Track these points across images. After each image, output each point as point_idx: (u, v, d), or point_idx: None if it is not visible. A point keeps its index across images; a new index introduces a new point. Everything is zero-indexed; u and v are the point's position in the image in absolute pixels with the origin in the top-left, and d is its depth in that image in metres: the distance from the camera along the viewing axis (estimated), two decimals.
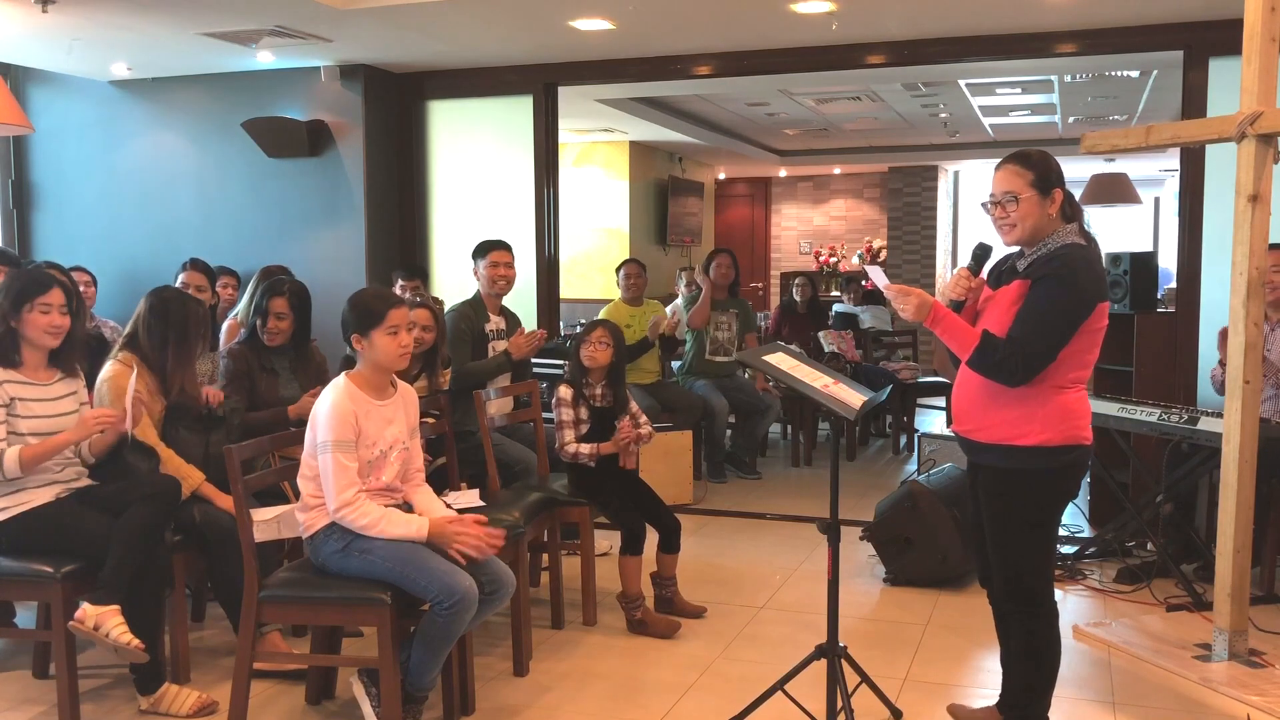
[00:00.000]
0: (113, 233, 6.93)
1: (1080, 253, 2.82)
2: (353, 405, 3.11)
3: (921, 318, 2.84)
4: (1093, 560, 4.95)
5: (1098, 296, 2.80)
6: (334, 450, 3.05)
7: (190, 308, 3.81)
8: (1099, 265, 2.86)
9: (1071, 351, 2.80)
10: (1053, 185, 2.85)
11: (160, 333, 3.70)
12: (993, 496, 2.96)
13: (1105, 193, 10.46)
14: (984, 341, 2.80)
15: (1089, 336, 2.82)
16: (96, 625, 3.14)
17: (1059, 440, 2.83)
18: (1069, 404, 2.84)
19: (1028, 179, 2.85)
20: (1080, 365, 2.85)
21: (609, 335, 4.19)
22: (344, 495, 3.05)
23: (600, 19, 5.45)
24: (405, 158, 6.84)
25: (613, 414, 4.22)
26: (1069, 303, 2.77)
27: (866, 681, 3.24)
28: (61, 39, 5.73)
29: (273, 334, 4.25)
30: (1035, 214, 2.85)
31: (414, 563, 3.02)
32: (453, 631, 3.03)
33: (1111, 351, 5.77)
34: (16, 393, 3.32)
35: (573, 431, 4.17)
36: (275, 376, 4.26)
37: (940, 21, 5.55)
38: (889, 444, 8.24)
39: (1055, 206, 2.85)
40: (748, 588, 4.67)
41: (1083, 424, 2.86)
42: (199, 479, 3.64)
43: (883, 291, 2.94)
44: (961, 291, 2.97)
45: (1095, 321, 2.82)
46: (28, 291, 3.35)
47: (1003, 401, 2.84)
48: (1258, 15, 3.56)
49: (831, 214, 14.50)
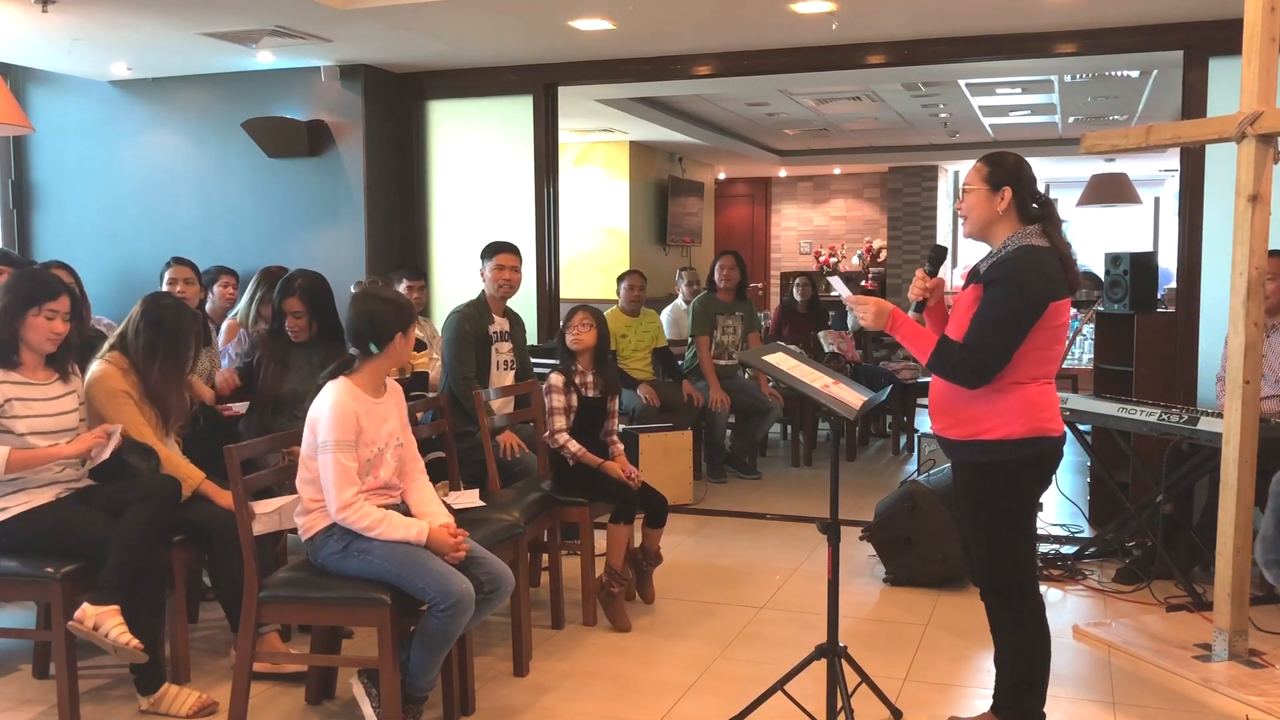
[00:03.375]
0: (113, 233, 6.93)
1: (1031, 255, 2.88)
2: (355, 405, 3.12)
3: (880, 325, 2.98)
4: (1093, 560, 4.95)
5: (1049, 296, 2.86)
6: (335, 450, 3.05)
7: (185, 320, 3.77)
8: (1052, 265, 2.90)
9: (1031, 349, 2.88)
10: (1002, 183, 2.94)
11: (150, 341, 3.66)
12: (967, 492, 3.05)
13: (1105, 193, 10.46)
14: (939, 346, 2.92)
15: (1047, 333, 2.89)
16: (96, 625, 3.14)
17: (1022, 433, 2.90)
18: (1031, 398, 2.91)
19: (981, 174, 2.97)
20: (1042, 361, 2.92)
21: (591, 317, 4.25)
22: (344, 496, 3.05)
23: (600, 19, 5.45)
24: (405, 158, 6.84)
25: (603, 407, 4.24)
26: (1018, 306, 2.85)
27: (866, 681, 3.24)
28: (61, 39, 5.74)
29: (295, 332, 4.26)
30: (981, 206, 2.96)
31: (411, 564, 3.03)
32: (449, 633, 3.03)
33: (1111, 351, 5.82)
34: (14, 393, 3.31)
35: (563, 419, 4.20)
36: (284, 370, 4.25)
37: (940, 21, 5.56)
38: (889, 444, 8.24)
39: (1003, 204, 2.93)
40: (748, 588, 4.66)
41: (1047, 416, 2.93)
42: (199, 478, 3.64)
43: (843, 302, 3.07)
44: (919, 292, 3.09)
45: (1051, 319, 2.88)
46: (37, 295, 3.35)
47: (968, 399, 2.94)
48: (1258, 15, 3.56)
49: (831, 214, 14.51)
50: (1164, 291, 7.31)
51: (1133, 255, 5.60)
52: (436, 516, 3.24)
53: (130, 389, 3.61)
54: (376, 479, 3.18)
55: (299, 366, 4.26)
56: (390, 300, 3.30)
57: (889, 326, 2.98)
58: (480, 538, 3.38)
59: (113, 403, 3.57)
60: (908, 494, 4.72)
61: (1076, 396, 4.98)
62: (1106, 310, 5.78)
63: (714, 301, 6.91)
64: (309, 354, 4.27)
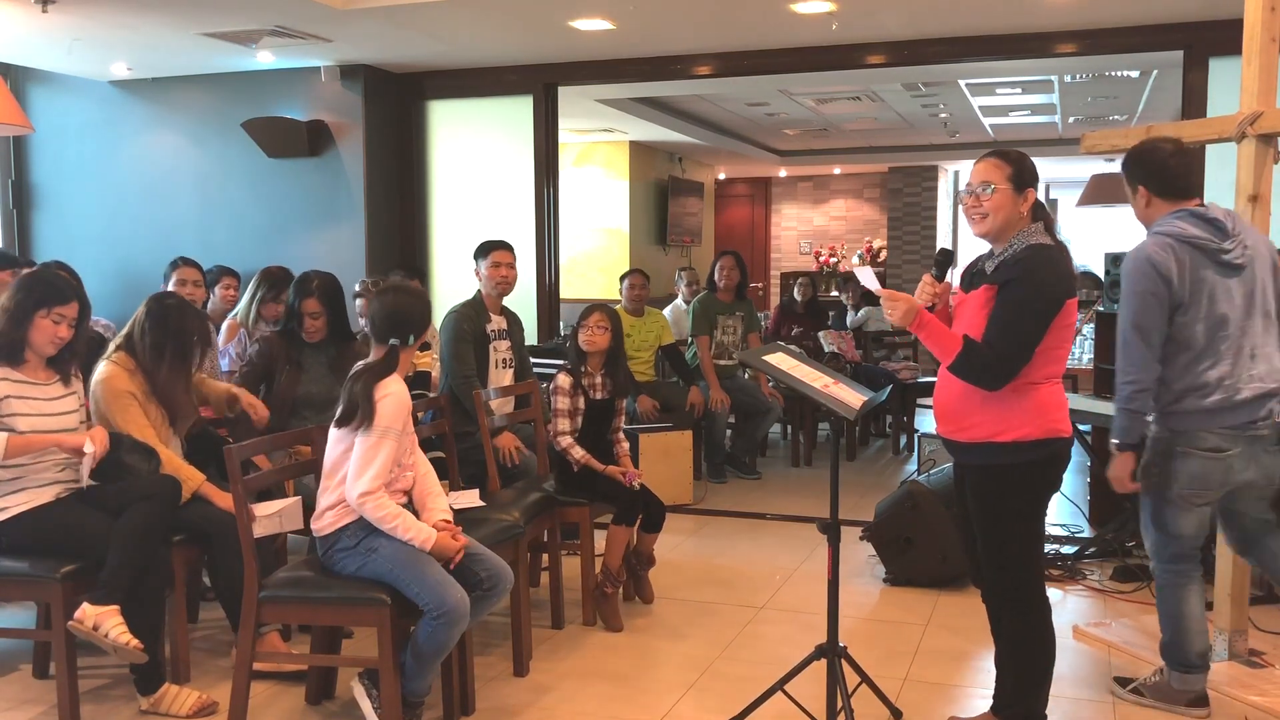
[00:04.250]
0: (113, 233, 6.94)
1: (1043, 253, 2.88)
2: (408, 399, 3.16)
3: (908, 323, 2.92)
4: (1093, 560, 4.95)
5: (1065, 294, 2.87)
6: (389, 438, 3.06)
7: (190, 319, 3.78)
8: (1063, 263, 2.91)
9: (1042, 348, 2.88)
10: (1026, 184, 2.93)
11: (157, 340, 3.67)
12: (979, 494, 3.02)
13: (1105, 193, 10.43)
14: (966, 347, 2.88)
15: (1058, 333, 2.89)
16: (96, 625, 3.14)
17: (1037, 434, 2.90)
18: (1044, 399, 2.91)
19: (1006, 173, 2.93)
20: (1052, 361, 2.92)
21: (607, 319, 4.21)
22: (374, 483, 3.04)
23: (600, 19, 5.45)
24: (405, 158, 6.84)
25: (610, 408, 4.23)
26: (1037, 304, 2.85)
27: (866, 681, 3.24)
28: (61, 39, 5.74)
29: (310, 333, 4.26)
30: (1007, 207, 2.92)
31: (411, 568, 3.03)
32: (442, 642, 3.02)
33: (1111, 351, 5.80)
34: (13, 390, 3.32)
35: (568, 422, 4.19)
36: (300, 371, 4.24)
37: (940, 21, 5.56)
38: (889, 444, 8.23)
39: (1027, 205, 2.93)
40: (748, 588, 4.66)
41: (1059, 417, 2.93)
42: (199, 480, 3.64)
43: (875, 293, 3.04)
44: (928, 298, 3.05)
45: (1064, 318, 2.88)
46: (48, 298, 3.36)
47: (979, 402, 2.92)
48: (1258, 15, 3.56)
49: (831, 214, 14.51)
50: None
51: None
52: (434, 513, 3.24)
53: (136, 390, 3.62)
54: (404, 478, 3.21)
55: (312, 367, 4.26)
56: (419, 294, 3.31)
57: (915, 325, 2.91)
58: (480, 538, 3.38)
59: (118, 403, 3.58)
60: (908, 494, 4.72)
61: (1076, 396, 4.99)
62: (1106, 310, 5.78)
63: (714, 302, 6.92)
64: (322, 354, 4.27)
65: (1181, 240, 3.16)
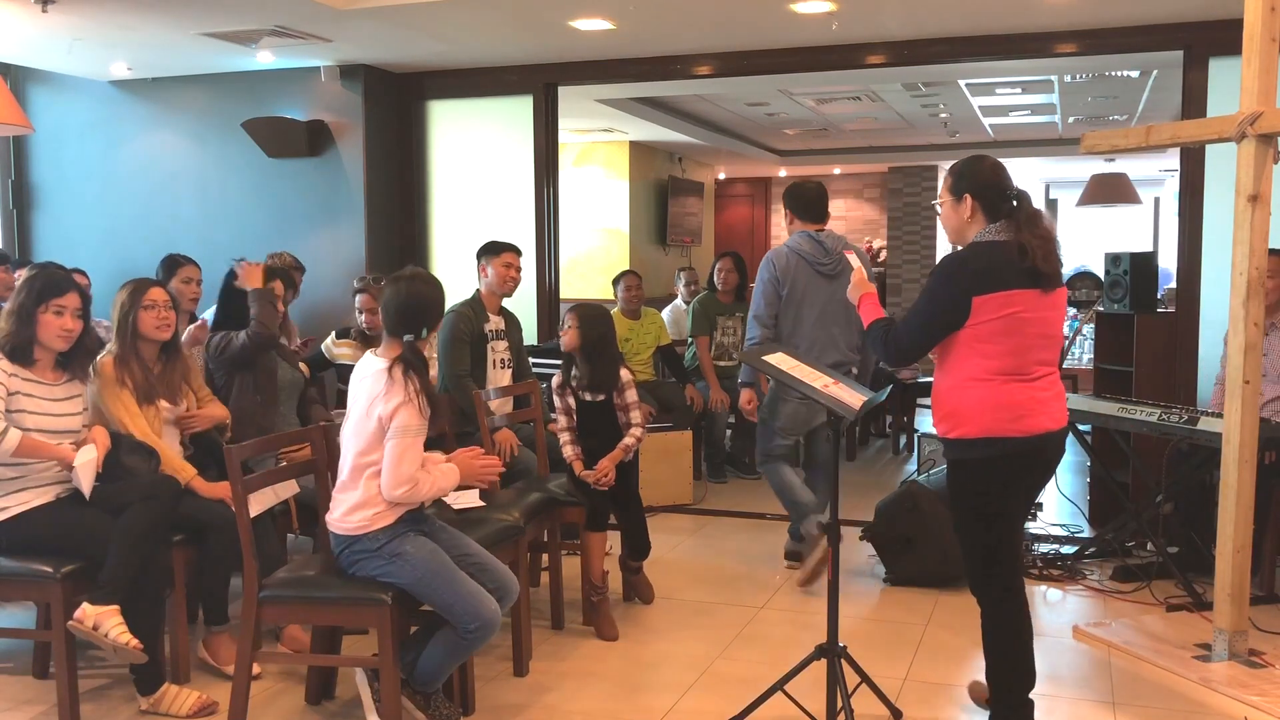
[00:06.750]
0: (113, 233, 6.93)
1: (970, 250, 2.96)
2: None
3: (854, 298, 3.26)
4: (1093, 560, 4.95)
5: (971, 291, 2.86)
6: (422, 435, 3.06)
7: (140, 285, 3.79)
8: (992, 258, 2.88)
9: (972, 342, 2.89)
10: (963, 191, 3.00)
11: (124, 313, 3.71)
12: (948, 488, 3.13)
13: (1105, 193, 10.46)
14: (877, 321, 3.14)
15: (981, 328, 2.87)
16: (96, 625, 3.14)
17: (977, 433, 2.92)
18: (992, 397, 2.91)
19: (947, 184, 3.07)
20: (983, 356, 2.89)
21: (574, 318, 4.21)
22: (414, 474, 3.02)
23: (600, 19, 5.45)
24: (405, 158, 6.84)
25: (603, 410, 4.22)
26: (937, 299, 2.94)
27: (866, 681, 3.24)
28: (61, 39, 5.73)
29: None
30: (950, 217, 3.07)
31: (444, 577, 3.01)
32: (468, 650, 3.08)
33: (1111, 351, 5.81)
34: (21, 388, 3.34)
35: (563, 419, 4.24)
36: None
37: (940, 21, 5.55)
38: (889, 444, 8.24)
39: (968, 210, 3.00)
40: (748, 588, 4.66)
41: (1006, 417, 2.89)
42: (190, 474, 3.65)
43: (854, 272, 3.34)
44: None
45: (990, 312, 2.85)
46: (46, 292, 3.39)
47: (942, 396, 3.01)
48: (1258, 15, 3.56)
49: (831, 214, 14.50)
50: (1164, 291, 7.31)
51: (1132, 255, 5.60)
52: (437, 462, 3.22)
53: (126, 379, 3.64)
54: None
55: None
56: (435, 284, 3.24)
57: (858, 299, 3.23)
58: (480, 538, 3.38)
59: (108, 390, 3.63)
60: (908, 494, 4.72)
61: (1076, 396, 4.99)
62: (1106, 310, 5.78)
63: (714, 302, 6.92)
64: None
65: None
